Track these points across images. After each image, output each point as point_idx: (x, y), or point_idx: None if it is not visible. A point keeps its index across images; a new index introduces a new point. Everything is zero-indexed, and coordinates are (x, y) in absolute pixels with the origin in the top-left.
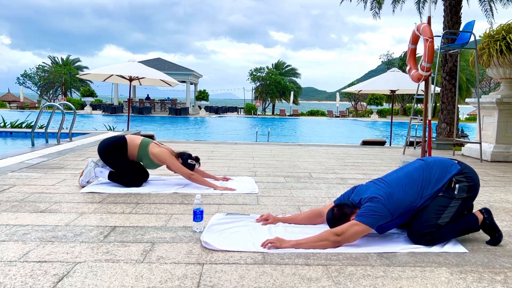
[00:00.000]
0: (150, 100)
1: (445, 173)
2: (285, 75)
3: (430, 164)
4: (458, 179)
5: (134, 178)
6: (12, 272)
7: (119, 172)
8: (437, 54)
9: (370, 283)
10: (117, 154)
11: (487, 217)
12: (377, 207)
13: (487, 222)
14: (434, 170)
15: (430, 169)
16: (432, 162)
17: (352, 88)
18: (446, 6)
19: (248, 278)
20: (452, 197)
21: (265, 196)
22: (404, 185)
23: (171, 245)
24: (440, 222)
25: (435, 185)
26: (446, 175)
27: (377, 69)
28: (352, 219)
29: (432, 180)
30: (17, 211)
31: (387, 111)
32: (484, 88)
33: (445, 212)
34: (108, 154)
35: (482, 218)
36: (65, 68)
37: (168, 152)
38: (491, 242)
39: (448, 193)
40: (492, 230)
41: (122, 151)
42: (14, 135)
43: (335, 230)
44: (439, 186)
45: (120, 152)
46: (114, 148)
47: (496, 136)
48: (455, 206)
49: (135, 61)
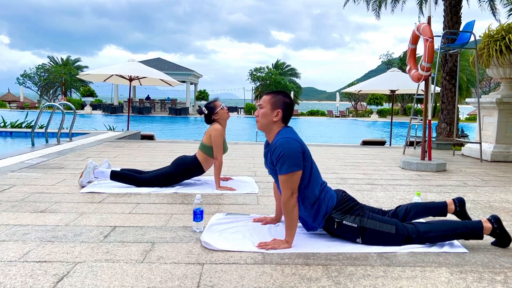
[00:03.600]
0: (150, 100)
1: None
2: (285, 75)
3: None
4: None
5: (154, 183)
6: (12, 272)
7: (165, 176)
8: (437, 54)
9: (370, 283)
10: (193, 174)
11: (497, 227)
12: (289, 148)
13: (497, 232)
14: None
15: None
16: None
17: (352, 88)
18: (446, 6)
19: (248, 278)
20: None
21: (265, 196)
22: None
23: (171, 245)
24: (389, 231)
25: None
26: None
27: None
28: (278, 111)
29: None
30: (17, 211)
31: (387, 111)
32: (484, 88)
33: (373, 227)
34: (183, 172)
35: (491, 227)
36: (65, 68)
37: (217, 128)
38: (497, 244)
39: (345, 226)
40: (503, 237)
41: (198, 168)
42: (14, 135)
43: (284, 195)
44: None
45: (197, 170)
46: (192, 168)
47: (496, 136)
48: (364, 219)
49: (135, 61)
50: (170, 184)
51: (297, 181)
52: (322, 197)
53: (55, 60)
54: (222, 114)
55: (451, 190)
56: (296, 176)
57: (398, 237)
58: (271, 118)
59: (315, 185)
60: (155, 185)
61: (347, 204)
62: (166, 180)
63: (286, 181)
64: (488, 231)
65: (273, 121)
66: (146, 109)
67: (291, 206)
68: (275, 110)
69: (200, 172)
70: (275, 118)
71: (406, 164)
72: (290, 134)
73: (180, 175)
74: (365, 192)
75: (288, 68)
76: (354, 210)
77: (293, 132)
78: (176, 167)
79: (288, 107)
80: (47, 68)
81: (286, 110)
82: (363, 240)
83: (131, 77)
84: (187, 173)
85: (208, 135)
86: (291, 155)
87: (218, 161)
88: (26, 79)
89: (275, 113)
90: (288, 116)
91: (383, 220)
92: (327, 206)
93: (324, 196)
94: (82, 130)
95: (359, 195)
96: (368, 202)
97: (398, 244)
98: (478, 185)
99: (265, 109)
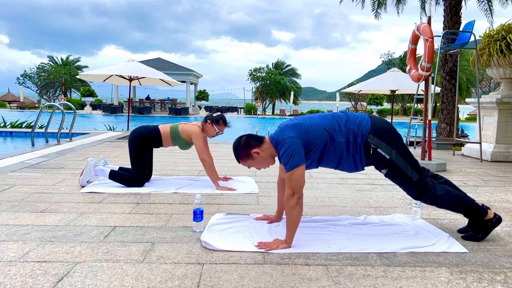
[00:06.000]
0: (150, 100)
1: (359, 126)
2: (285, 75)
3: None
4: (371, 141)
5: (139, 178)
6: (12, 272)
7: (134, 166)
8: (437, 54)
9: (370, 283)
10: (150, 145)
11: (494, 222)
12: (289, 145)
13: (488, 224)
14: (349, 117)
15: (341, 117)
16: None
17: (352, 88)
18: (446, 6)
19: (248, 278)
20: (387, 156)
21: (265, 196)
22: (311, 118)
23: (171, 245)
24: (412, 177)
25: (351, 125)
26: (360, 128)
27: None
28: (254, 152)
29: (344, 121)
30: (17, 211)
31: (387, 111)
32: (484, 88)
33: (403, 167)
34: (141, 143)
35: (490, 218)
36: (65, 68)
37: (195, 126)
38: (468, 237)
39: (377, 154)
40: (484, 230)
41: (157, 142)
42: (14, 135)
43: (286, 194)
44: (355, 131)
45: (154, 142)
46: (149, 138)
47: (496, 136)
48: (397, 155)
49: (134, 61)
50: (145, 164)
51: (299, 180)
52: (350, 139)
53: (54, 60)
54: (211, 131)
55: None
56: (299, 171)
57: (414, 185)
58: (263, 159)
59: (338, 136)
60: (141, 174)
61: (380, 127)
62: (139, 160)
63: (288, 180)
64: (486, 218)
65: (265, 156)
66: (146, 109)
67: (291, 206)
68: (253, 153)
69: (158, 144)
70: (263, 154)
71: None
72: (282, 136)
73: (143, 147)
74: (365, 192)
75: (288, 68)
76: (389, 137)
77: (282, 133)
78: (134, 143)
79: (248, 138)
80: (47, 69)
81: (249, 140)
82: (387, 173)
83: (131, 77)
84: (146, 142)
85: (189, 135)
86: (292, 150)
87: (207, 162)
88: (26, 79)
89: (257, 155)
90: (255, 137)
91: (413, 163)
92: (362, 136)
93: (353, 133)
94: (82, 130)
95: (359, 195)
96: (368, 202)
97: (410, 189)
98: (478, 185)
99: (252, 161)
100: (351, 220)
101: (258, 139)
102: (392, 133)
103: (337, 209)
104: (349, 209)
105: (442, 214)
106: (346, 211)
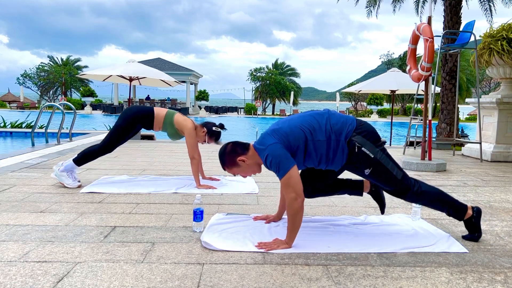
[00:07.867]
0: (150, 100)
1: (342, 125)
2: (285, 75)
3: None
4: (355, 139)
5: (108, 144)
6: (12, 272)
7: (110, 136)
8: (437, 54)
9: (370, 283)
10: (140, 125)
11: (475, 217)
12: (272, 153)
13: (472, 221)
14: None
15: (322, 115)
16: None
17: (352, 88)
18: (446, 6)
19: (248, 278)
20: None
21: (265, 196)
22: (290, 121)
23: (171, 245)
24: (397, 175)
25: (333, 123)
26: (344, 127)
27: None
28: (239, 159)
29: (325, 119)
30: (17, 211)
31: (387, 111)
32: (484, 88)
33: (388, 166)
34: (131, 122)
35: (470, 215)
36: (65, 68)
37: (191, 122)
38: (467, 237)
39: (362, 153)
40: (474, 228)
41: (149, 123)
42: (14, 135)
43: (289, 198)
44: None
45: (145, 123)
46: (140, 118)
47: (496, 136)
48: (382, 154)
49: (135, 61)
50: (123, 139)
51: (298, 181)
52: (332, 137)
53: (54, 60)
54: (200, 137)
55: (451, 190)
56: (293, 173)
57: (400, 184)
58: (248, 166)
59: (318, 135)
60: (111, 142)
61: (365, 129)
62: (117, 135)
63: (286, 185)
64: (467, 217)
65: (251, 164)
66: None
67: (294, 210)
68: (238, 161)
69: (148, 126)
70: (248, 162)
71: (406, 164)
72: (262, 146)
73: (131, 127)
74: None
75: (288, 68)
76: (373, 138)
77: (262, 142)
78: (124, 120)
79: (235, 145)
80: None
81: (235, 147)
82: (370, 172)
83: (131, 77)
84: (136, 122)
85: (182, 128)
86: (277, 157)
87: (196, 160)
88: (26, 79)
89: (242, 163)
90: (241, 145)
91: (395, 163)
92: (346, 134)
93: (335, 131)
94: (82, 130)
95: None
96: (368, 202)
97: (395, 187)
98: (478, 185)
99: (238, 169)
100: (351, 220)
101: (244, 146)
102: (377, 136)
103: (337, 209)
104: (349, 209)
105: (442, 214)
106: (346, 211)
